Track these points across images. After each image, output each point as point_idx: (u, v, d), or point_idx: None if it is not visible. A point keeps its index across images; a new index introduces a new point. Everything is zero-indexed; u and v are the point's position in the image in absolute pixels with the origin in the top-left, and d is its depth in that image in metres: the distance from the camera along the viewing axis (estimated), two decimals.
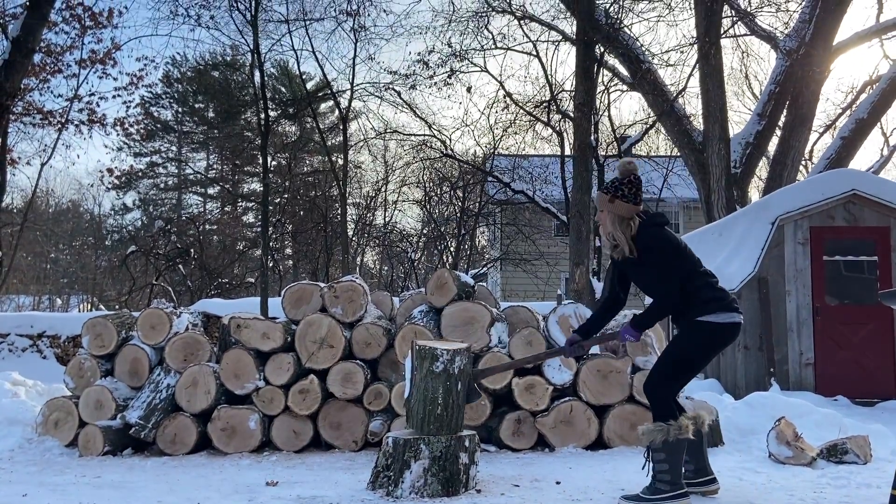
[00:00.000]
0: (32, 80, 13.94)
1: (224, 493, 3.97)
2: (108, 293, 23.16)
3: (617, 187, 3.81)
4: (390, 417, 5.26)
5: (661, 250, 3.70)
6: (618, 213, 3.76)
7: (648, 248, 3.71)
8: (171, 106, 29.30)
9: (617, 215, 3.76)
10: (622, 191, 3.78)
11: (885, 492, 3.37)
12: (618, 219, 3.76)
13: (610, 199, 3.78)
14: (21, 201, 23.30)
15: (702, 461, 3.75)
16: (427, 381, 3.91)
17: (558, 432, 5.15)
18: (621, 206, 3.76)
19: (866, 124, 14.01)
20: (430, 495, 3.73)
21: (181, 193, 31.13)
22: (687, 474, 3.72)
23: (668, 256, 3.71)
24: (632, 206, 3.76)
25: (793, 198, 8.34)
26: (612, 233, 3.77)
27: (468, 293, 5.86)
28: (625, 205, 3.76)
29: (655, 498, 3.50)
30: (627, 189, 3.78)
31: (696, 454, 3.73)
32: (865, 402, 7.63)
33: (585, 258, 10.85)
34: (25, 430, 5.45)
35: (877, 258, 8.10)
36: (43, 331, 11.66)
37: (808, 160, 20.03)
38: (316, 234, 21.97)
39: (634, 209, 3.77)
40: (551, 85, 17.76)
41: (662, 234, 3.75)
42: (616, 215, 3.76)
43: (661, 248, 3.71)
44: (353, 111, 19.03)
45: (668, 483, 3.51)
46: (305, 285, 5.85)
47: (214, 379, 5.30)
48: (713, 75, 12.90)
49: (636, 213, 3.77)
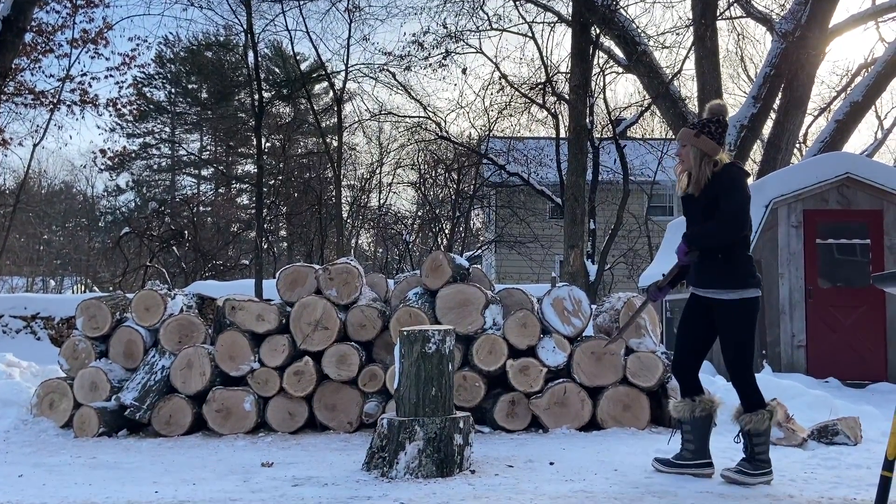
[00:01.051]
0: (24, 59, 13.81)
1: (219, 473, 3.99)
2: (102, 275, 23.10)
3: (704, 124, 3.82)
4: (385, 399, 5.28)
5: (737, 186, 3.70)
6: (702, 149, 3.77)
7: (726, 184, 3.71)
8: (163, 87, 29.11)
9: (700, 150, 3.77)
10: (709, 128, 3.79)
11: (875, 472, 3.40)
12: (700, 154, 3.78)
13: (696, 133, 3.79)
14: (13, 182, 23.16)
15: (702, 442, 3.87)
16: (420, 363, 3.92)
17: (552, 414, 5.19)
18: (706, 143, 3.77)
19: (861, 107, 14.00)
20: (425, 476, 3.75)
21: (175, 175, 31.00)
22: (685, 454, 3.86)
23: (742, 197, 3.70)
24: (716, 145, 3.78)
25: (787, 181, 8.35)
26: (691, 168, 3.78)
27: (463, 275, 5.87)
28: (710, 142, 3.77)
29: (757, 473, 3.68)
30: (714, 127, 3.80)
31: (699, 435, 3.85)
32: (856, 384, 7.70)
33: (580, 241, 10.86)
34: (20, 411, 5.45)
35: (869, 241, 8.13)
36: (37, 312, 11.65)
37: (803, 143, 20.04)
38: (310, 217, 21.93)
39: (719, 148, 3.79)
40: (547, 67, 17.69)
41: (746, 182, 3.77)
42: (700, 150, 3.78)
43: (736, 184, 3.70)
44: (347, 92, 18.96)
45: (766, 461, 3.71)
46: (300, 267, 5.84)
47: (209, 361, 5.31)
48: (709, 57, 12.87)
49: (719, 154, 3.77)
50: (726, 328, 3.77)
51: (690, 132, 3.82)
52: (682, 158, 3.85)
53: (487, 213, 24.38)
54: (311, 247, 21.86)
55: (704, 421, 3.86)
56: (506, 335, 5.35)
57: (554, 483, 3.72)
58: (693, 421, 3.84)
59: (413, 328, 4.02)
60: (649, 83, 14.53)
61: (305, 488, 3.63)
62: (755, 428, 3.71)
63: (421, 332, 3.94)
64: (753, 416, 3.72)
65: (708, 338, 3.91)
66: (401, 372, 3.98)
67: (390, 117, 20.64)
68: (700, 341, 3.92)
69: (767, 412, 3.73)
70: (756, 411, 3.73)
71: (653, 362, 5.30)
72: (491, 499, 3.40)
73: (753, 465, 3.71)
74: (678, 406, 3.91)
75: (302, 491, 3.57)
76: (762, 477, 3.69)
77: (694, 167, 3.79)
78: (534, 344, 5.35)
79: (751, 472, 3.68)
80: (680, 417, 3.89)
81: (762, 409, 3.73)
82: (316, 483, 3.73)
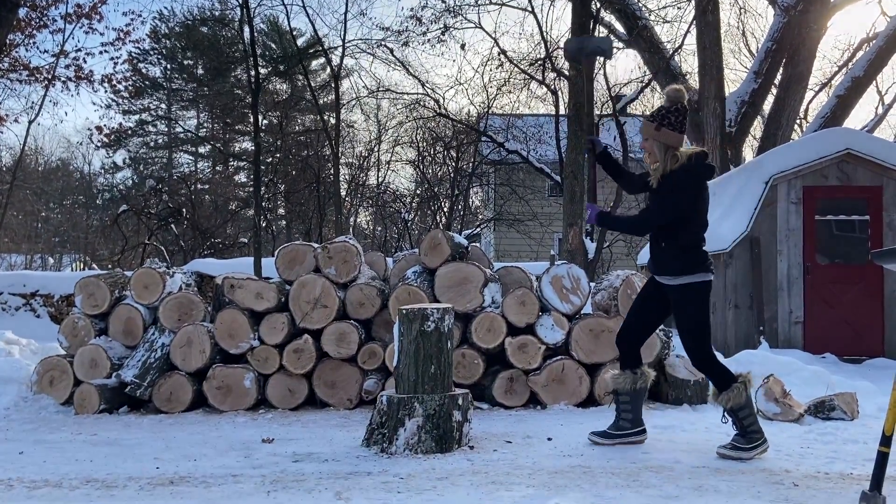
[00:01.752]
0: (18, 35, 13.67)
1: (220, 449, 4.02)
2: (101, 252, 23.08)
3: (664, 115, 3.75)
4: (384, 376, 5.31)
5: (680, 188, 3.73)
6: (664, 142, 3.73)
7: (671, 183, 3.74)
8: (159, 62, 28.80)
9: (664, 144, 3.74)
10: (669, 119, 3.73)
11: (872, 447, 3.43)
12: (664, 147, 3.75)
13: (656, 126, 3.74)
14: (10, 159, 23.06)
15: (639, 412, 4.05)
16: (419, 341, 3.93)
17: (550, 390, 5.21)
18: (668, 135, 3.73)
19: (862, 82, 13.92)
20: (425, 452, 3.78)
21: (172, 152, 30.84)
22: (625, 424, 4.00)
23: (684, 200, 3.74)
24: (679, 135, 3.75)
25: (787, 157, 8.32)
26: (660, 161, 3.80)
27: (462, 254, 5.86)
28: (672, 133, 3.73)
29: (752, 446, 3.73)
30: (674, 117, 3.74)
31: (637, 405, 4.02)
32: (853, 360, 7.74)
33: (579, 219, 10.84)
34: (20, 388, 5.47)
35: (868, 217, 8.12)
36: (36, 290, 11.64)
37: (804, 119, 19.96)
38: (309, 195, 21.85)
39: (681, 137, 3.77)
40: (546, 42, 17.51)
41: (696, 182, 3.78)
42: (663, 144, 3.74)
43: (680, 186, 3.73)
44: (344, 69, 18.80)
45: (758, 431, 3.76)
46: (299, 246, 5.83)
47: (209, 338, 5.32)
48: (710, 32, 12.75)
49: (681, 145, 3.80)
50: (679, 312, 3.83)
51: (651, 126, 3.76)
52: (649, 152, 3.84)
53: (486, 191, 24.32)
54: (310, 225, 21.81)
55: (641, 392, 4.02)
56: (504, 313, 5.36)
57: (552, 458, 3.75)
58: (633, 392, 3.99)
59: (412, 306, 4.02)
60: (650, 58, 14.41)
61: (306, 464, 3.66)
62: (736, 403, 3.75)
63: (420, 310, 3.95)
64: (730, 393, 3.76)
65: (658, 317, 4.04)
66: (400, 350, 4.00)
67: (388, 94, 20.47)
68: (651, 319, 4.04)
69: (741, 384, 3.77)
70: (730, 387, 3.76)
71: (651, 339, 5.31)
72: (490, 474, 3.43)
73: (747, 438, 3.75)
74: (620, 378, 4.01)
75: (302, 466, 3.60)
76: (757, 448, 3.73)
77: (661, 162, 3.78)
78: (532, 322, 5.36)
79: (746, 447, 3.72)
80: (620, 389, 4.01)
81: (735, 384, 3.76)
82: (316, 459, 3.76)
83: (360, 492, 3.14)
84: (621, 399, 4.03)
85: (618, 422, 4.04)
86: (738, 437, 3.77)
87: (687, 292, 3.79)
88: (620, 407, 4.03)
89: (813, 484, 3.32)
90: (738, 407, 3.75)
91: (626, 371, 4.02)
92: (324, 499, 3.07)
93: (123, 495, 3.18)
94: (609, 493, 3.13)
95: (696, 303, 3.78)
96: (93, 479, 3.43)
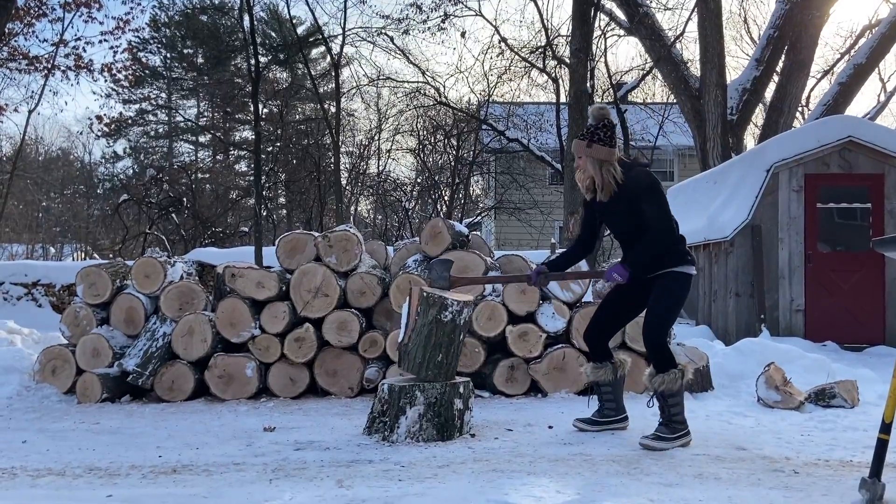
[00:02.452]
0: (17, 24, 13.62)
1: (222, 438, 4.03)
2: (102, 242, 23.08)
3: (593, 132, 3.87)
4: (385, 365, 5.32)
5: (655, 188, 3.81)
6: (597, 158, 3.84)
7: (643, 187, 3.80)
8: (159, 51, 28.68)
9: (597, 159, 3.84)
10: (598, 135, 3.85)
11: (872, 435, 3.44)
12: (598, 162, 3.84)
13: (587, 143, 3.86)
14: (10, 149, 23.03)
15: (621, 400, 4.15)
16: (433, 328, 3.93)
17: (551, 378, 5.23)
18: (600, 150, 3.84)
19: (864, 70, 13.86)
20: (426, 440, 3.79)
21: (172, 141, 30.77)
22: (609, 413, 4.10)
23: (663, 196, 3.83)
24: (610, 150, 3.85)
25: (788, 145, 8.29)
26: (593, 177, 3.87)
27: (462, 242, 5.86)
28: (603, 148, 3.84)
29: (676, 436, 3.74)
30: (603, 133, 3.86)
31: (619, 394, 4.13)
32: (854, 348, 7.75)
33: (580, 207, 10.83)
34: (23, 377, 5.49)
35: (870, 205, 8.11)
36: (37, 279, 11.66)
37: (805, 106, 19.88)
38: (309, 183, 21.83)
39: (613, 151, 3.85)
40: (547, 30, 17.44)
41: (654, 175, 3.90)
42: (596, 159, 3.84)
43: (654, 186, 3.82)
44: (344, 57, 18.71)
45: (683, 422, 3.80)
46: (300, 235, 5.83)
47: (210, 327, 5.33)
48: (711, 19, 12.69)
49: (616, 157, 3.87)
50: (660, 293, 3.84)
51: (582, 144, 3.88)
52: (582, 169, 3.92)
53: (487, 180, 24.28)
54: (311, 214, 21.80)
55: (620, 381, 4.15)
56: (505, 301, 5.37)
57: (553, 446, 3.77)
58: (614, 382, 4.11)
59: (435, 292, 4.02)
60: (651, 46, 14.35)
61: (307, 452, 3.67)
62: (668, 388, 3.76)
63: (440, 298, 3.96)
64: (665, 376, 3.77)
65: (631, 314, 4.11)
66: (412, 327, 3.98)
67: (388, 82, 20.43)
68: (624, 315, 4.12)
69: (679, 371, 3.79)
70: (668, 371, 3.78)
71: None
72: (491, 462, 3.44)
73: (670, 428, 3.76)
74: (600, 370, 4.10)
75: (304, 455, 3.62)
76: (680, 440, 3.74)
77: (596, 176, 3.86)
78: (533, 310, 5.37)
79: (668, 437, 3.73)
80: (602, 380, 4.10)
81: (673, 369, 3.78)
82: (318, 447, 3.78)
83: (362, 480, 3.16)
84: (603, 390, 4.13)
85: (602, 410, 4.14)
86: (661, 426, 3.78)
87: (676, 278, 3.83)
88: (603, 397, 4.14)
89: (813, 471, 3.33)
90: (670, 393, 3.77)
91: (605, 363, 4.10)
92: (325, 487, 3.08)
93: (126, 483, 3.19)
94: (610, 481, 3.14)
95: (677, 291, 3.83)
96: (96, 468, 3.44)
